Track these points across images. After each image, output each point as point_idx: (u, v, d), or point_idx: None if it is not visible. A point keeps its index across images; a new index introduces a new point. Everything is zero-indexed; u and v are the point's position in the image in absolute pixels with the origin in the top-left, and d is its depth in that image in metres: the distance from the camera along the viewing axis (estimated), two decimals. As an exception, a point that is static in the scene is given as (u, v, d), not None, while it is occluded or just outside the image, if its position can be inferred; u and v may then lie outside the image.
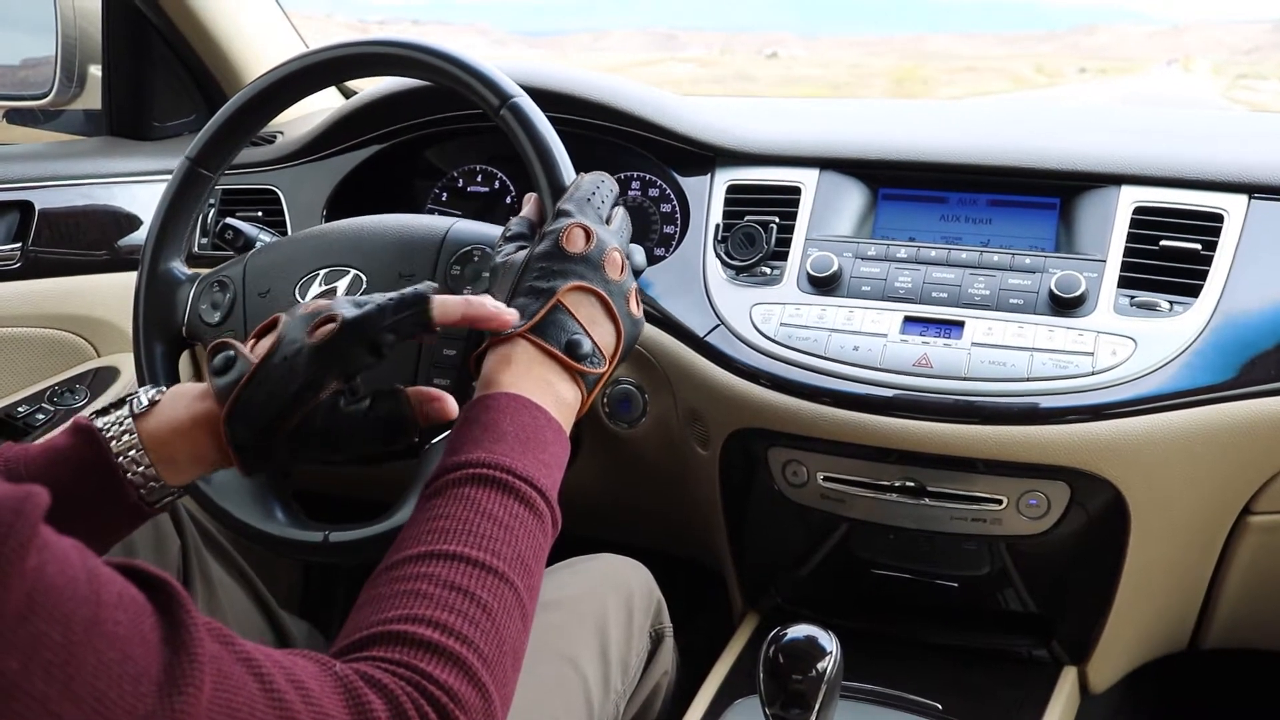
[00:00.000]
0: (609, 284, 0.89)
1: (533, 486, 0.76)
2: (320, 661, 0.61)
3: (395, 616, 0.65)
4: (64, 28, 1.70)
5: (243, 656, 0.56)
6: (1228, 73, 6.57)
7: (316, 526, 1.05)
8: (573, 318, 0.87)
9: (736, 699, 1.23)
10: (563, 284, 0.87)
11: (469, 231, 1.07)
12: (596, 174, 0.97)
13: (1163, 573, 1.23)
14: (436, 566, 0.68)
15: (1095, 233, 1.19)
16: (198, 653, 0.52)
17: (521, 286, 0.88)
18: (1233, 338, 1.11)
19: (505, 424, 0.79)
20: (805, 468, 1.21)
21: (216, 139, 1.11)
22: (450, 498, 0.73)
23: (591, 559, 1.17)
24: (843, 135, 1.35)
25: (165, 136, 1.76)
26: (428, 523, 0.72)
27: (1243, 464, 1.15)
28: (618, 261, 0.91)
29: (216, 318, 1.11)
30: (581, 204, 0.93)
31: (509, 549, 0.71)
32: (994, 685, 1.25)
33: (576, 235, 0.90)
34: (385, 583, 0.68)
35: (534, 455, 0.78)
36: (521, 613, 0.70)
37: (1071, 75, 7.68)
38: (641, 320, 0.94)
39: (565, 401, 0.85)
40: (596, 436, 1.36)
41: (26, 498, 0.47)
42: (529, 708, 0.95)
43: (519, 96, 1.00)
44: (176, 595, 0.54)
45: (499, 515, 0.73)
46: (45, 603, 0.46)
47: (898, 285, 1.20)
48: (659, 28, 16.62)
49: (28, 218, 1.49)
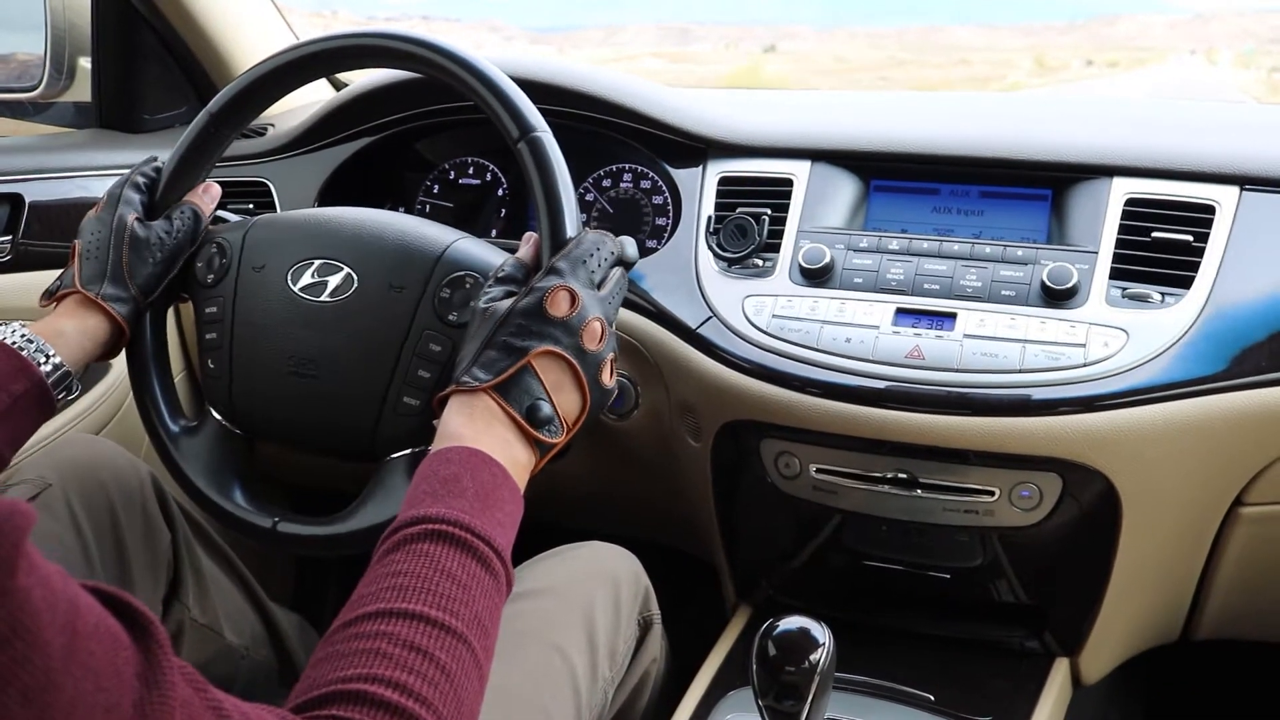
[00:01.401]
0: (583, 353, 0.90)
1: (490, 546, 0.76)
2: (283, 717, 0.61)
3: (355, 675, 0.65)
4: (54, 20, 1.69)
5: (212, 704, 0.56)
6: (1258, 64, 6.52)
7: (270, 511, 1.05)
8: (539, 381, 0.88)
9: (729, 691, 1.23)
10: (536, 346, 0.88)
11: (466, 255, 1.06)
12: (599, 234, 0.97)
13: (1155, 564, 1.23)
14: (396, 625, 0.68)
15: (1087, 224, 1.19)
16: (170, 694, 0.52)
17: (496, 339, 0.89)
18: (1224, 329, 1.11)
19: (466, 480, 0.80)
20: (797, 459, 1.21)
21: (240, 98, 1.12)
22: (410, 553, 0.74)
23: (578, 547, 1.17)
24: (835, 127, 1.35)
25: (155, 129, 1.75)
26: (387, 579, 0.72)
27: (1234, 455, 1.16)
28: (597, 332, 0.92)
29: (209, 279, 1.11)
30: (575, 264, 0.94)
31: (467, 609, 0.72)
32: (986, 676, 1.26)
33: (561, 299, 0.90)
34: (344, 640, 0.69)
35: (491, 514, 0.79)
36: (478, 673, 0.71)
37: (1077, 68, 7.69)
38: (613, 390, 0.95)
39: (519, 463, 0.87)
40: (588, 429, 1.36)
41: (10, 515, 0.46)
42: (516, 695, 0.95)
43: (542, 132, 1.00)
44: (154, 632, 0.53)
45: (458, 574, 0.73)
46: (28, 625, 0.45)
47: (890, 277, 1.20)
48: (673, 22, 16.66)
49: (18, 210, 1.49)
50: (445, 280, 1.04)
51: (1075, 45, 10.74)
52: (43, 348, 0.99)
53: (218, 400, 1.10)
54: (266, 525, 1.05)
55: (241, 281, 1.10)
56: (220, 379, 1.09)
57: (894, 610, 1.33)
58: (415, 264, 1.05)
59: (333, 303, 1.05)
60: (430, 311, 1.03)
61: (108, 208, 1.09)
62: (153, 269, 1.08)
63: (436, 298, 1.04)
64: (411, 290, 1.04)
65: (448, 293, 1.03)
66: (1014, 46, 10.17)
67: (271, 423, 1.10)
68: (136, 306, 1.07)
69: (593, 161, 1.45)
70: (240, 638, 1.21)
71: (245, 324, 1.09)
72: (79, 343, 1.03)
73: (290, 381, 1.06)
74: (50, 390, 0.98)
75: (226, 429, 1.11)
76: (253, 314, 1.08)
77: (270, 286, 1.08)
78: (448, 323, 1.03)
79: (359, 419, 1.04)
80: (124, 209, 1.08)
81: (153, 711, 0.51)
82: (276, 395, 1.07)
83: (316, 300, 1.06)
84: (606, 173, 1.44)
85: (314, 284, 1.07)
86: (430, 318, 1.03)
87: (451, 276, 1.04)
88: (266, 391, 1.08)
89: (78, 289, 1.05)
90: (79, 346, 1.03)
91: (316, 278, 1.07)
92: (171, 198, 1.12)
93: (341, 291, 1.06)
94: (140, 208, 1.10)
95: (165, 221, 1.10)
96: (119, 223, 1.07)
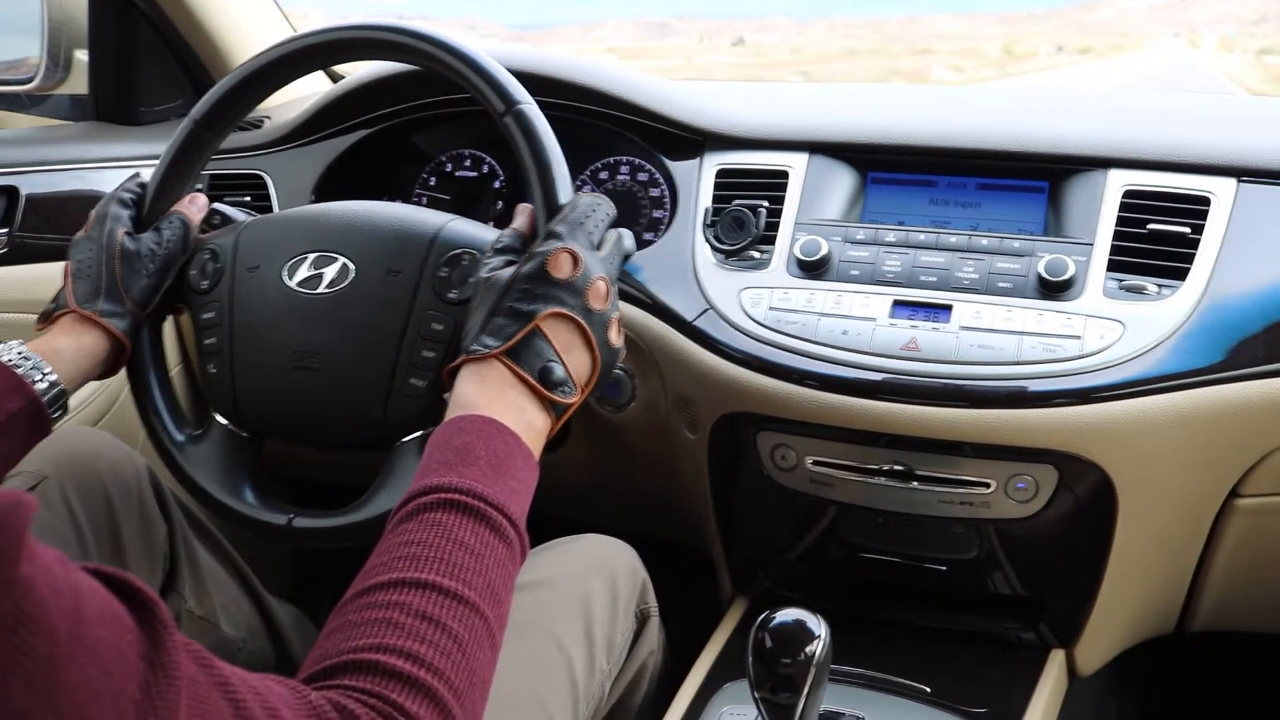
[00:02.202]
0: (590, 313, 0.90)
1: (503, 514, 0.76)
2: (294, 688, 0.61)
3: (367, 645, 0.65)
4: (50, 12, 1.69)
5: (219, 680, 0.56)
6: (1243, 47, 6.38)
7: (283, 509, 1.05)
8: (549, 344, 0.88)
9: (725, 683, 1.23)
10: (543, 309, 0.88)
11: (461, 233, 1.06)
12: (593, 196, 0.97)
13: (1150, 556, 1.23)
14: (408, 595, 0.68)
15: (1084, 216, 1.19)
16: (175, 674, 0.52)
17: (502, 306, 0.89)
18: (1220, 321, 1.11)
19: (478, 449, 0.79)
20: (794, 451, 1.21)
21: (223, 101, 1.11)
22: (422, 523, 0.74)
23: (576, 539, 1.17)
24: (831, 119, 1.35)
25: (152, 121, 1.75)
26: (400, 549, 0.72)
27: (1230, 447, 1.16)
28: (602, 291, 0.91)
29: (204, 285, 1.11)
30: (574, 227, 0.94)
31: (480, 578, 0.71)
32: (982, 668, 1.26)
33: (563, 260, 0.90)
34: (357, 610, 0.68)
35: (505, 481, 0.78)
36: (491, 643, 0.71)
37: (1046, 56, 7.64)
38: (622, 349, 0.95)
39: (535, 427, 0.86)
40: (584, 421, 1.36)
41: (13, 507, 0.46)
42: (513, 687, 0.95)
43: (526, 104, 1.00)
44: (158, 613, 0.53)
45: (471, 543, 0.73)
46: (32, 614, 0.46)
47: (886, 269, 1.20)
48: (652, 17, 16.63)
49: (13, 203, 1.48)
50: (443, 260, 1.04)
51: (1053, 31, 10.83)
52: (39, 365, 0.97)
53: (222, 404, 1.10)
54: (282, 523, 1.05)
55: (237, 283, 1.09)
56: (223, 382, 1.09)
57: (890, 602, 1.33)
58: (411, 247, 1.05)
59: (331, 293, 1.05)
60: (430, 292, 1.03)
61: (96, 225, 1.09)
62: (147, 281, 1.07)
63: (435, 278, 1.04)
64: (409, 273, 1.04)
65: (446, 271, 1.04)
66: (989, 34, 10.19)
67: (279, 420, 1.10)
68: (134, 320, 1.06)
69: (589, 154, 1.45)
70: (236, 630, 1.21)
71: (244, 325, 1.09)
72: (76, 361, 1.02)
73: (294, 377, 1.06)
74: (45, 409, 0.97)
75: (232, 432, 1.10)
76: (251, 314, 1.08)
77: (267, 285, 1.08)
78: (448, 301, 1.03)
79: (367, 407, 1.04)
80: (112, 225, 1.08)
81: (159, 693, 0.51)
82: (281, 392, 1.07)
83: (314, 293, 1.06)
84: (603, 165, 1.44)
85: (310, 277, 1.07)
86: (430, 298, 1.03)
87: (449, 255, 1.04)
88: (271, 389, 1.07)
89: (73, 308, 1.04)
90: (76, 365, 1.01)
91: (313, 270, 1.07)
92: (160, 208, 1.12)
93: (339, 282, 1.06)
94: (129, 222, 1.09)
95: (155, 233, 1.09)
96: (109, 239, 1.07)
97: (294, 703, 0.60)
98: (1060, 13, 22.86)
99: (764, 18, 26.39)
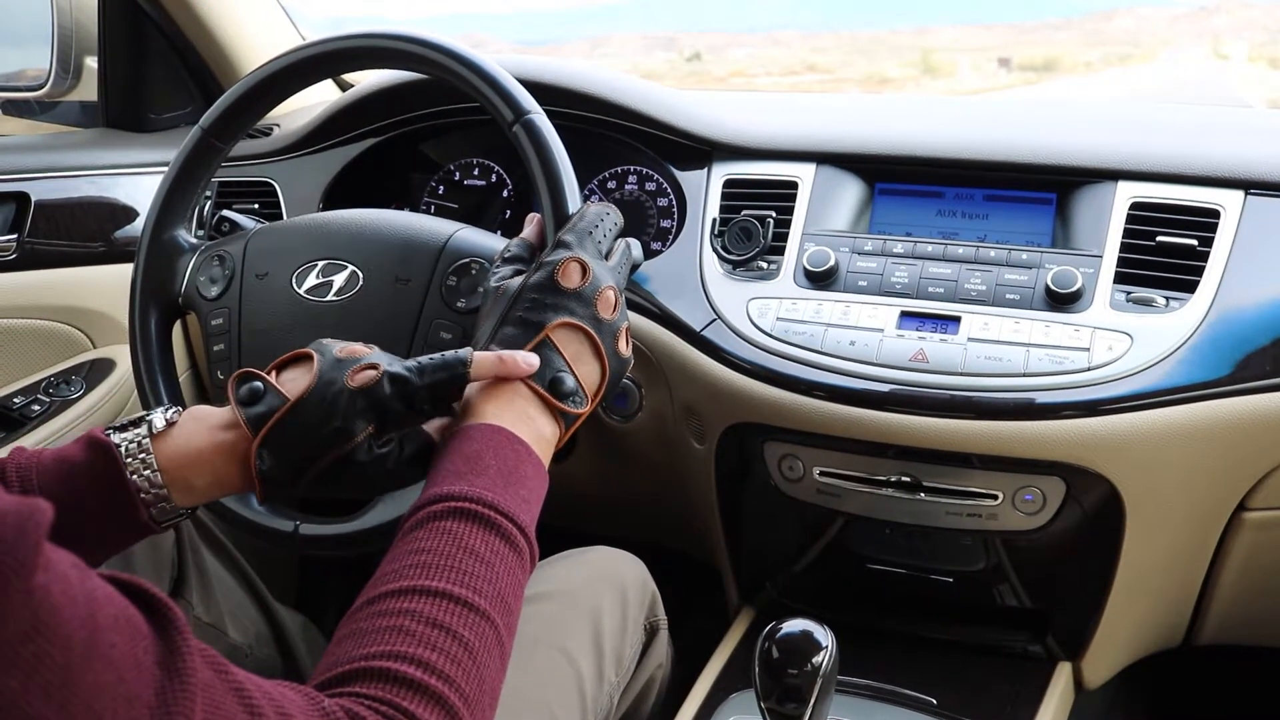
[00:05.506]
0: (599, 322, 0.90)
1: (513, 522, 0.76)
2: (308, 694, 0.61)
3: (378, 653, 0.65)
4: (60, 19, 1.70)
5: (234, 686, 0.56)
6: (1272, 58, 6.01)
7: (289, 516, 1.05)
8: (559, 354, 0.88)
9: (732, 693, 1.23)
10: (553, 319, 0.88)
11: (469, 243, 1.06)
12: (602, 205, 0.97)
13: (1158, 569, 1.23)
14: (419, 603, 0.68)
15: (1092, 228, 1.19)
16: (190, 679, 0.52)
17: (511, 315, 0.89)
18: (1228, 333, 1.11)
19: (488, 457, 0.79)
20: (801, 462, 1.20)
21: (233, 109, 1.11)
22: (433, 531, 0.74)
23: (586, 551, 1.17)
24: (840, 130, 1.35)
25: (161, 128, 1.76)
26: (410, 556, 0.72)
27: (1238, 460, 1.15)
28: (610, 300, 0.91)
29: (214, 292, 1.11)
30: (583, 236, 0.94)
31: (490, 586, 0.71)
32: (989, 680, 1.25)
33: (572, 270, 0.90)
34: (368, 617, 0.69)
35: (515, 490, 0.78)
36: (501, 651, 0.71)
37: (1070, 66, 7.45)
38: (630, 359, 0.94)
39: (544, 437, 0.86)
40: (592, 431, 1.36)
41: (31, 514, 0.46)
42: (523, 698, 0.95)
43: (535, 113, 1.00)
44: (173, 618, 0.54)
45: (481, 551, 0.73)
46: (48, 622, 0.46)
47: (894, 280, 1.20)
48: (661, 32, 16.56)
49: (24, 209, 1.49)
50: (451, 268, 1.04)
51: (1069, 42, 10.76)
52: (159, 493, 0.83)
53: None
54: (288, 529, 1.05)
55: (245, 291, 1.10)
56: None
57: (897, 613, 1.33)
58: (419, 255, 1.06)
59: (339, 301, 1.06)
60: (438, 300, 1.04)
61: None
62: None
63: (443, 286, 1.04)
64: (418, 281, 1.05)
65: (454, 280, 1.04)
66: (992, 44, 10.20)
67: None
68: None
69: (598, 164, 1.45)
70: (244, 636, 1.21)
71: (252, 332, 1.09)
72: (198, 493, 0.86)
73: None
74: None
75: None
76: (259, 321, 1.08)
77: (275, 292, 1.08)
78: (457, 309, 1.03)
79: None
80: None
81: (174, 698, 0.51)
82: None
83: (323, 300, 1.06)
84: (611, 174, 1.45)
85: (319, 285, 1.07)
86: (439, 307, 1.04)
87: (457, 264, 1.04)
88: None
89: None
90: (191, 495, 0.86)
91: (321, 278, 1.07)
92: (169, 216, 1.12)
93: (347, 290, 1.06)
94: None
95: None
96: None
97: (308, 709, 0.60)
98: (1076, 23, 22.89)
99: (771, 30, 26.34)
